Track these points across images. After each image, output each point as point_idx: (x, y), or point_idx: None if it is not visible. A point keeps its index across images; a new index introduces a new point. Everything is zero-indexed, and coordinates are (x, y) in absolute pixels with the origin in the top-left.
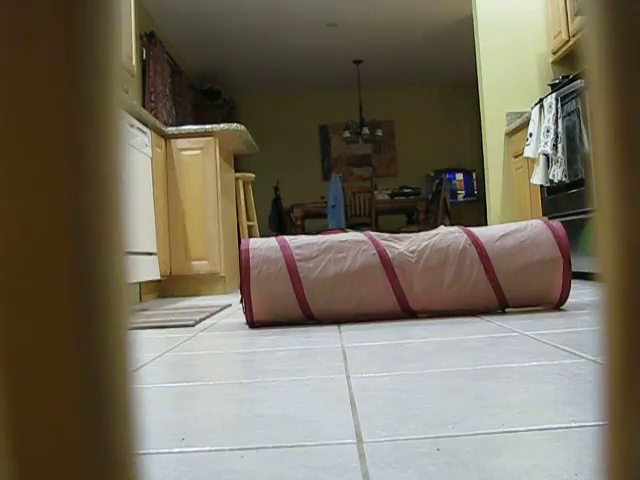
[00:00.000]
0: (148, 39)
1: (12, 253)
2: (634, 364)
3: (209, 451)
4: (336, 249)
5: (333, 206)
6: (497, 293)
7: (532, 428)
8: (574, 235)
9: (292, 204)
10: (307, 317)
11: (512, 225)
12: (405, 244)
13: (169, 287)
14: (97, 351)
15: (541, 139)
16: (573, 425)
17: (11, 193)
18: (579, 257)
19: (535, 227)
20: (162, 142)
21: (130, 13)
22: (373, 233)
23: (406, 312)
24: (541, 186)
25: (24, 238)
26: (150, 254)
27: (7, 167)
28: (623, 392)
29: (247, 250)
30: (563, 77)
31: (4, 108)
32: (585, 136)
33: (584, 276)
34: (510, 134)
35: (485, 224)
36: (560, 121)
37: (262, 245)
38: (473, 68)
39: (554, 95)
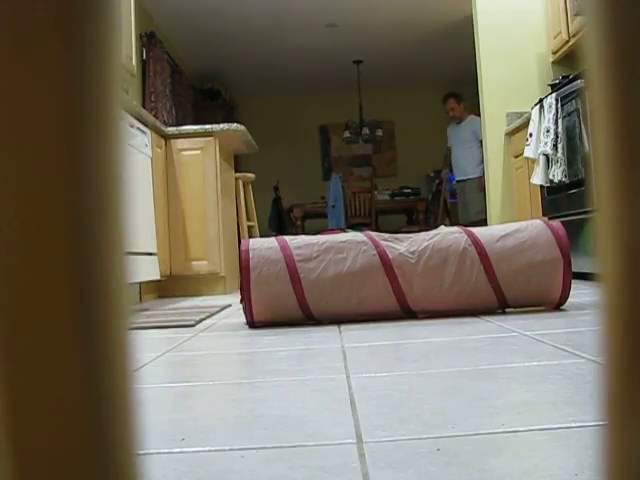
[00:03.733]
0: (148, 39)
1: (12, 253)
2: (634, 364)
3: (209, 451)
4: (336, 249)
5: (333, 206)
6: (497, 293)
7: (532, 428)
8: (574, 235)
9: (292, 204)
10: (307, 317)
11: (512, 225)
12: (405, 244)
13: (169, 287)
14: (97, 351)
15: (541, 139)
16: (573, 425)
17: (11, 193)
18: (579, 257)
19: (535, 227)
20: (162, 142)
21: (130, 13)
22: (373, 233)
23: (406, 312)
24: (541, 186)
25: (24, 238)
26: (150, 254)
27: (7, 167)
28: (623, 392)
29: (247, 250)
30: (563, 77)
31: (4, 108)
32: (585, 136)
33: (584, 276)
34: (510, 134)
35: (485, 224)
36: (560, 121)
37: (262, 245)
38: (473, 68)
39: (554, 95)
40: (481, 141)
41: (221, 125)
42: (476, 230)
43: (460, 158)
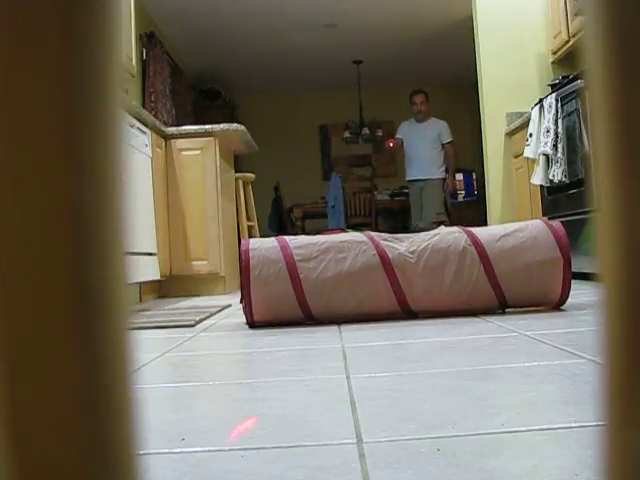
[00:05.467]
0: (148, 39)
1: (12, 253)
2: (634, 364)
3: (209, 451)
4: (336, 249)
5: (333, 206)
6: (497, 293)
7: (532, 428)
8: (574, 235)
9: (292, 204)
10: (307, 317)
11: (512, 225)
12: (405, 244)
13: (169, 287)
14: (97, 351)
15: (541, 139)
16: (573, 425)
17: (11, 193)
18: (579, 257)
19: (535, 227)
20: (162, 142)
21: (130, 13)
22: (373, 233)
23: (406, 312)
24: (541, 186)
25: (24, 238)
26: (150, 254)
27: (7, 167)
28: (623, 392)
29: (247, 250)
30: (563, 77)
31: (4, 108)
32: (585, 136)
33: (584, 276)
34: (510, 134)
35: (485, 224)
36: (560, 121)
37: (262, 245)
38: (473, 68)
39: (554, 95)
40: (442, 145)
41: (221, 125)
42: (476, 230)
43: (422, 157)
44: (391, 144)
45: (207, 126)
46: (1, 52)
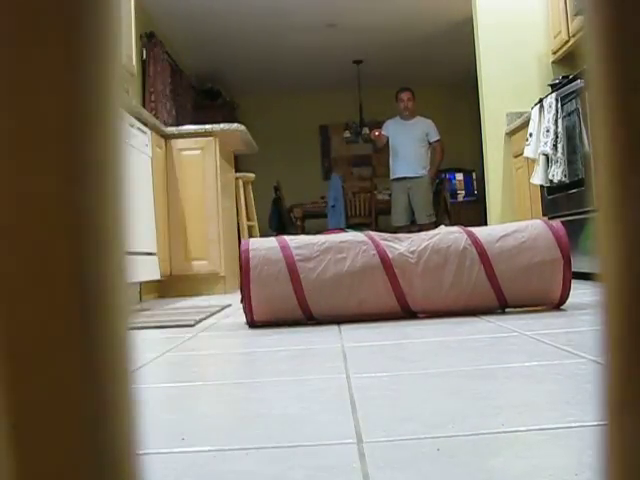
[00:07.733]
0: (148, 39)
1: (12, 253)
2: (634, 364)
3: (209, 451)
4: (336, 249)
5: (333, 206)
6: (497, 294)
7: (532, 428)
8: (574, 235)
9: (292, 204)
10: (307, 317)
11: (512, 225)
12: (405, 244)
13: (169, 287)
14: (97, 351)
15: (541, 139)
16: (573, 425)
17: (11, 193)
18: (579, 257)
19: (535, 228)
20: (162, 142)
21: (130, 13)
22: (373, 233)
23: (406, 312)
24: (541, 186)
25: (24, 238)
26: (150, 254)
27: (8, 167)
28: (623, 392)
29: (247, 250)
30: (563, 77)
31: (4, 108)
32: (585, 136)
33: (584, 276)
34: (510, 134)
35: (485, 224)
36: (560, 121)
37: (262, 245)
38: (473, 68)
39: (554, 95)
40: (430, 143)
41: (221, 125)
42: (476, 230)
43: (410, 155)
44: (376, 133)
45: (207, 126)
46: (2, 52)
